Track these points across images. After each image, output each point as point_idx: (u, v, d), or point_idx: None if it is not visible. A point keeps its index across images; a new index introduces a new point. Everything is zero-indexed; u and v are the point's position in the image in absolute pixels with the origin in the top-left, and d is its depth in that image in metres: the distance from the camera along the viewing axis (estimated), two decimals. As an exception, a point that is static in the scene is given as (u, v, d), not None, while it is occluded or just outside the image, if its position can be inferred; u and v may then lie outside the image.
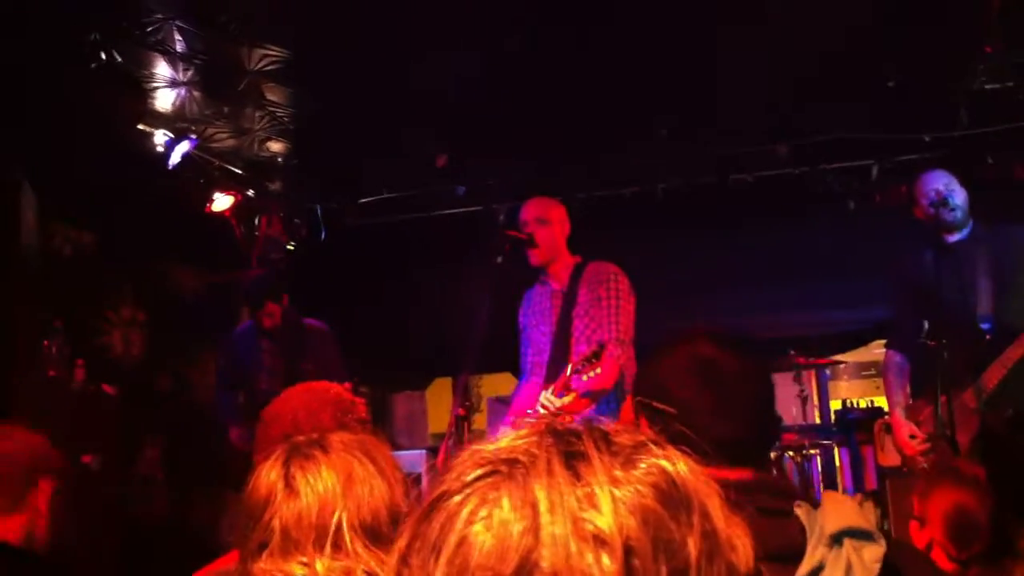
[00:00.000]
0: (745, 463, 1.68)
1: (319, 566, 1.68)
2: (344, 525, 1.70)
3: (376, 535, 1.69)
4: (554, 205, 4.83)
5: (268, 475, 1.78)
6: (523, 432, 0.82)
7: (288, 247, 6.94)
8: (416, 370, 7.43)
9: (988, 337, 4.56)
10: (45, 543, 2.54)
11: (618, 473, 0.77)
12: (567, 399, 4.12)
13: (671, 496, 0.77)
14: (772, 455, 4.60)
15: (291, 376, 5.17)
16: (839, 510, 1.56)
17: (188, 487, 6.01)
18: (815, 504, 1.61)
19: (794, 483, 5.10)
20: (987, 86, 5.49)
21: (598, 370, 4.01)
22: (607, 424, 0.83)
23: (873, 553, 1.50)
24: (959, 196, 4.63)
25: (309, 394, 2.41)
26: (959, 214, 4.62)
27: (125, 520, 5.51)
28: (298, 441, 1.83)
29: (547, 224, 4.73)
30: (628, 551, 0.73)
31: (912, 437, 4.64)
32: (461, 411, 4.55)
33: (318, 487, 1.74)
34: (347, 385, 2.51)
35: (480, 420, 5.88)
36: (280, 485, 1.76)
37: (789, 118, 5.97)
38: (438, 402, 7.45)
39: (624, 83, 5.43)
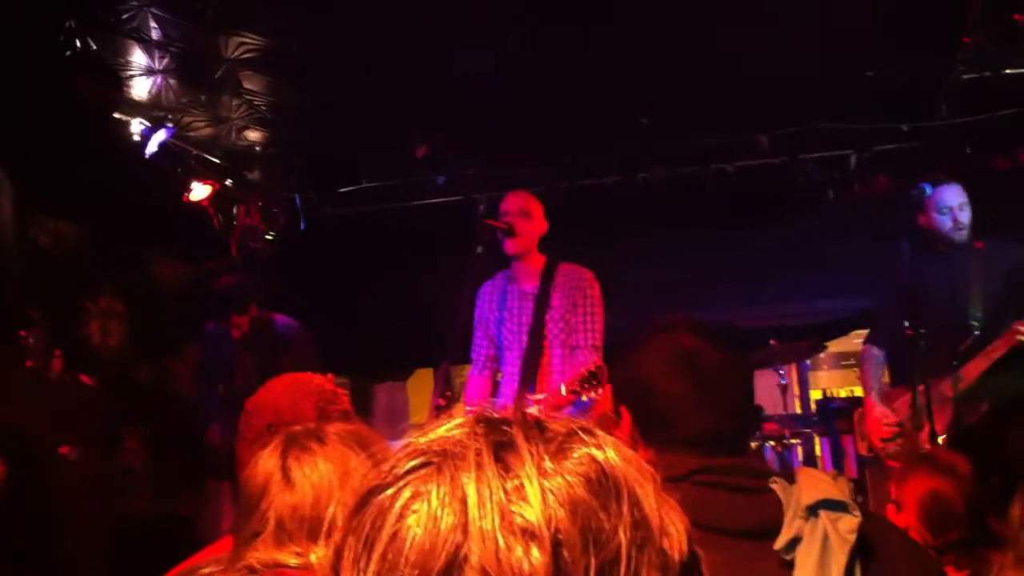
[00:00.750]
0: (726, 453, 1.69)
1: (313, 557, 1.69)
2: (338, 516, 1.70)
3: None
4: (536, 201, 4.91)
5: (265, 465, 1.80)
6: (456, 422, 0.82)
7: (267, 236, 6.91)
8: (397, 360, 7.41)
9: (974, 334, 4.63)
10: None
11: (548, 464, 0.76)
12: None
13: (601, 485, 0.76)
14: (753, 445, 4.62)
15: (267, 374, 5.16)
16: (814, 484, 1.59)
17: (170, 479, 5.98)
18: (791, 480, 1.64)
19: (772, 465, 5.13)
20: (965, 76, 5.50)
21: (600, 391, 4.06)
22: (540, 412, 0.83)
23: (848, 524, 1.54)
24: (968, 215, 4.75)
25: (292, 385, 2.41)
26: (966, 233, 4.74)
27: (108, 512, 5.48)
28: (295, 432, 1.84)
29: (528, 218, 4.82)
30: (557, 543, 0.72)
31: (886, 424, 4.70)
32: (442, 401, 4.56)
33: (314, 478, 1.75)
34: (329, 376, 2.50)
35: (461, 410, 5.87)
36: (277, 476, 1.77)
37: (769, 108, 5.97)
38: (419, 393, 7.44)
39: (604, 72, 5.42)
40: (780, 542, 1.54)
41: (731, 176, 6.45)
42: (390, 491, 0.78)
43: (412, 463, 0.79)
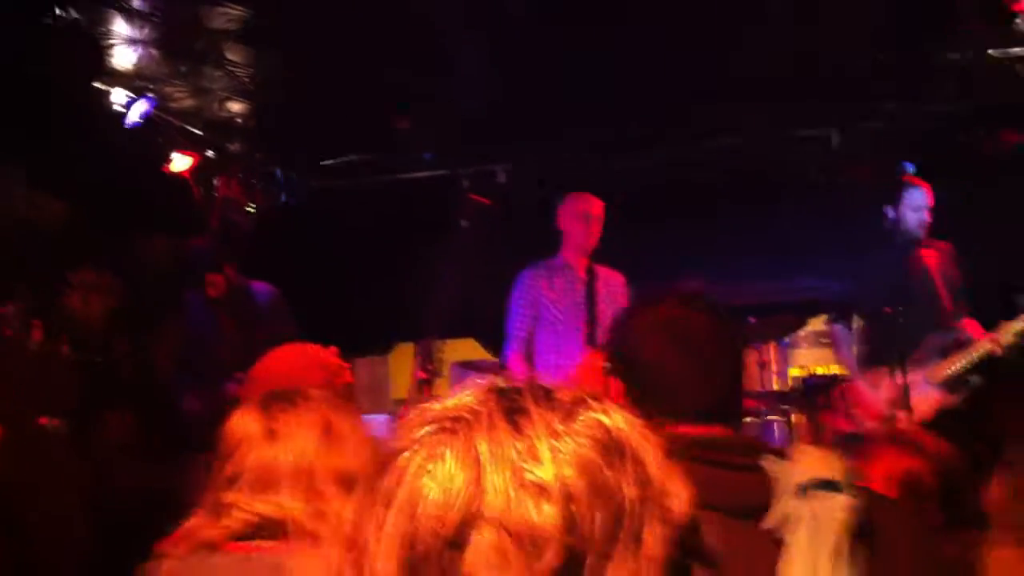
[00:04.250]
0: (716, 422, 1.70)
1: (289, 504, 1.72)
2: (319, 470, 1.74)
3: (350, 487, 1.69)
4: None
5: (247, 416, 1.83)
6: (469, 391, 0.87)
7: (248, 209, 6.87)
8: (378, 334, 7.41)
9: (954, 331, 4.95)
10: None
11: (557, 426, 0.82)
12: None
13: (608, 447, 0.82)
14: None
15: (246, 342, 5.17)
16: (807, 462, 1.60)
17: (151, 452, 5.97)
18: (784, 458, 1.64)
19: (766, 441, 5.20)
20: (951, 56, 5.52)
21: None
22: (548, 382, 0.88)
23: (840, 503, 1.53)
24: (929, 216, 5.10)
25: (300, 356, 2.42)
26: (924, 232, 5.10)
27: (89, 484, 5.47)
28: (280, 390, 1.88)
29: (600, 222, 5.37)
30: (567, 498, 0.78)
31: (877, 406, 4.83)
32: (423, 375, 4.60)
33: (297, 433, 1.78)
34: (333, 349, 2.51)
35: (443, 385, 5.88)
36: (258, 427, 1.80)
37: (756, 85, 5.96)
38: (400, 368, 7.44)
39: (593, 54, 5.40)
40: (769, 521, 1.55)
41: (712, 153, 6.47)
42: (407, 453, 0.83)
43: (427, 428, 0.84)
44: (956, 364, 4.87)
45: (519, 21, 5.05)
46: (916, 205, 5.04)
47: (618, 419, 0.85)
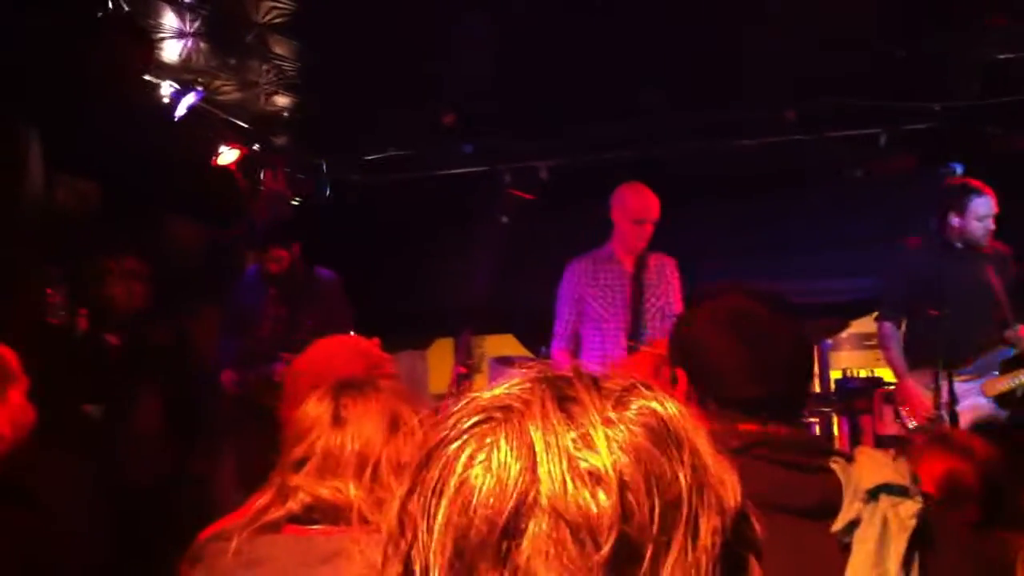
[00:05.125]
0: (778, 419, 1.68)
1: (352, 491, 1.74)
2: (383, 461, 1.77)
3: None
4: None
5: (319, 403, 1.85)
6: (516, 380, 0.85)
7: (292, 202, 6.93)
8: (418, 329, 7.43)
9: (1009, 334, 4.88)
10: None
11: (611, 414, 0.81)
12: None
13: (661, 434, 0.81)
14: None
15: (295, 324, 5.19)
16: (874, 466, 1.57)
17: (187, 440, 6.04)
18: (849, 460, 1.62)
19: (829, 441, 5.16)
20: (999, 56, 5.45)
21: None
22: (597, 370, 0.87)
23: (909, 509, 1.51)
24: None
25: (343, 347, 2.43)
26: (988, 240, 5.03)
27: (125, 472, 5.54)
28: (350, 378, 1.90)
29: (654, 225, 5.23)
30: (623, 487, 0.77)
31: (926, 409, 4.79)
32: (463, 369, 4.62)
33: (365, 422, 1.80)
34: (375, 341, 2.52)
35: (481, 380, 5.89)
36: (329, 414, 1.82)
37: (796, 84, 5.94)
38: (439, 362, 7.46)
39: (632, 45, 5.39)
40: (838, 524, 1.52)
41: (757, 151, 6.43)
42: (455, 445, 0.82)
43: (475, 418, 0.83)
44: (1012, 381, 4.84)
45: (558, 15, 5.06)
46: (981, 214, 4.93)
47: (671, 407, 0.84)
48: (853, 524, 1.52)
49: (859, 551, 1.49)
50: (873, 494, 1.52)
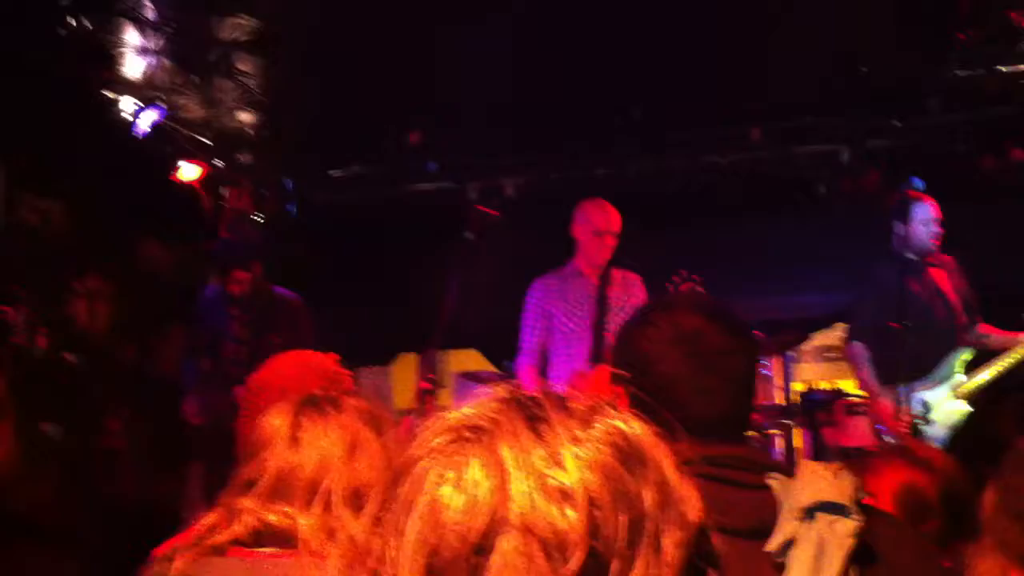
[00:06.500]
0: (726, 437, 1.64)
1: (301, 520, 1.68)
2: (337, 488, 1.70)
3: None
4: None
5: (275, 419, 1.79)
6: (485, 400, 0.88)
7: (256, 219, 6.89)
8: (381, 345, 7.41)
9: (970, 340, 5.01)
10: None
11: (578, 433, 0.83)
12: None
13: (627, 453, 0.84)
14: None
15: (259, 346, 5.14)
16: (813, 482, 1.53)
17: (151, 460, 5.97)
18: (790, 476, 1.57)
19: (771, 456, 5.18)
20: (959, 73, 5.52)
21: None
22: (564, 391, 0.89)
23: (846, 527, 1.47)
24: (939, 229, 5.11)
25: (298, 364, 2.39)
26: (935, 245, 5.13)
27: (89, 492, 5.48)
28: (315, 395, 1.83)
29: (616, 238, 5.27)
30: (591, 503, 0.79)
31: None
32: (426, 385, 4.59)
33: (322, 443, 1.74)
34: (333, 356, 2.49)
35: (446, 395, 5.87)
36: (285, 431, 1.76)
37: (762, 101, 5.99)
38: (403, 378, 7.44)
39: (604, 65, 5.42)
40: (773, 543, 1.47)
41: (721, 168, 6.47)
42: (424, 462, 0.84)
43: (445, 437, 0.85)
44: (982, 377, 4.92)
45: (527, 31, 5.08)
46: (925, 219, 5.03)
47: (635, 426, 0.87)
48: (789, 544, 1.47)
49: (794, 571, 1.45)
50: (810, 512, 1.48)
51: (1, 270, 5.35)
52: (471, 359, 6.91)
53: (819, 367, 6.75)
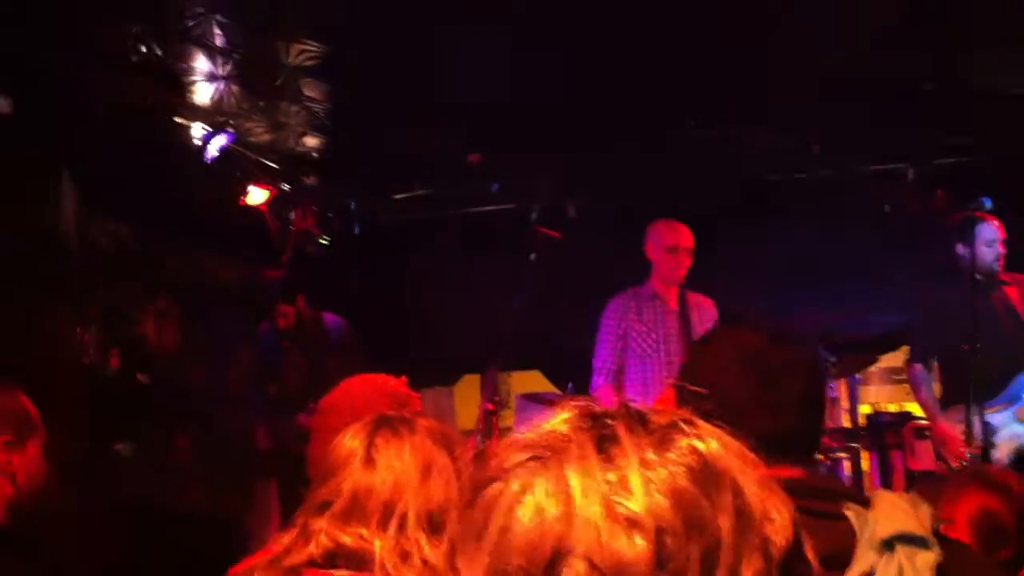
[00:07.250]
0: (791, 460, 1.61)
1: (377, 543, 1.68)
2: (411, 510, 1.71)
3: (439, 527, 1.68)
4: None
5: (350, 440, 1.79)
6: (561, 417, 0.84)
7: (322, 241, 6.99)
8: (444, 366, 7.44)
9: None
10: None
11: (650, 455, 0.79)
12: None
13: (703, 475, 0.79)
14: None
15: (315, 373, 5.25)
16: (892, 513, 1.50)
17: (218, 478, 6.06)
18: (865, 505, 1.54)
19: (844, 483, 5.11)
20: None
21: None
22: (643, 405, 0.85)
23: (927, 560, 1.44)
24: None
25: (368, 386, 2.40)
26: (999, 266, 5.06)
27: (157, 510, 5.56)
28: (388, 415, 1.84)
29: (690, 254, 5.32)
30: (660, 531, 0.75)
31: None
32: (490, 406, 4.61)
33: (396, 465, 1.74)
34: (403, 379, 2.52)
35: (509, 417, 5.89)
36: (360, 452, 1.76)
37: (823, 118, 5.94)
38: (466, 399, 7.45)
39: (658, 76, 5.42)
40: (852, 575, 1.45)
41: (786, 185, 6.42)
42: (499, 484, 0.81)
43: (519, 457, 0.82)
44: None
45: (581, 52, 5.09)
46: (989, 239, 4.95)
47: (714, 445, 0.82)
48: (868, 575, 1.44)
49: None
50: (889, 544, 1.45)
51: (74, 291, 5.47)
52: (534, 380, 6.92)
53: (886, 389, 6.65)
